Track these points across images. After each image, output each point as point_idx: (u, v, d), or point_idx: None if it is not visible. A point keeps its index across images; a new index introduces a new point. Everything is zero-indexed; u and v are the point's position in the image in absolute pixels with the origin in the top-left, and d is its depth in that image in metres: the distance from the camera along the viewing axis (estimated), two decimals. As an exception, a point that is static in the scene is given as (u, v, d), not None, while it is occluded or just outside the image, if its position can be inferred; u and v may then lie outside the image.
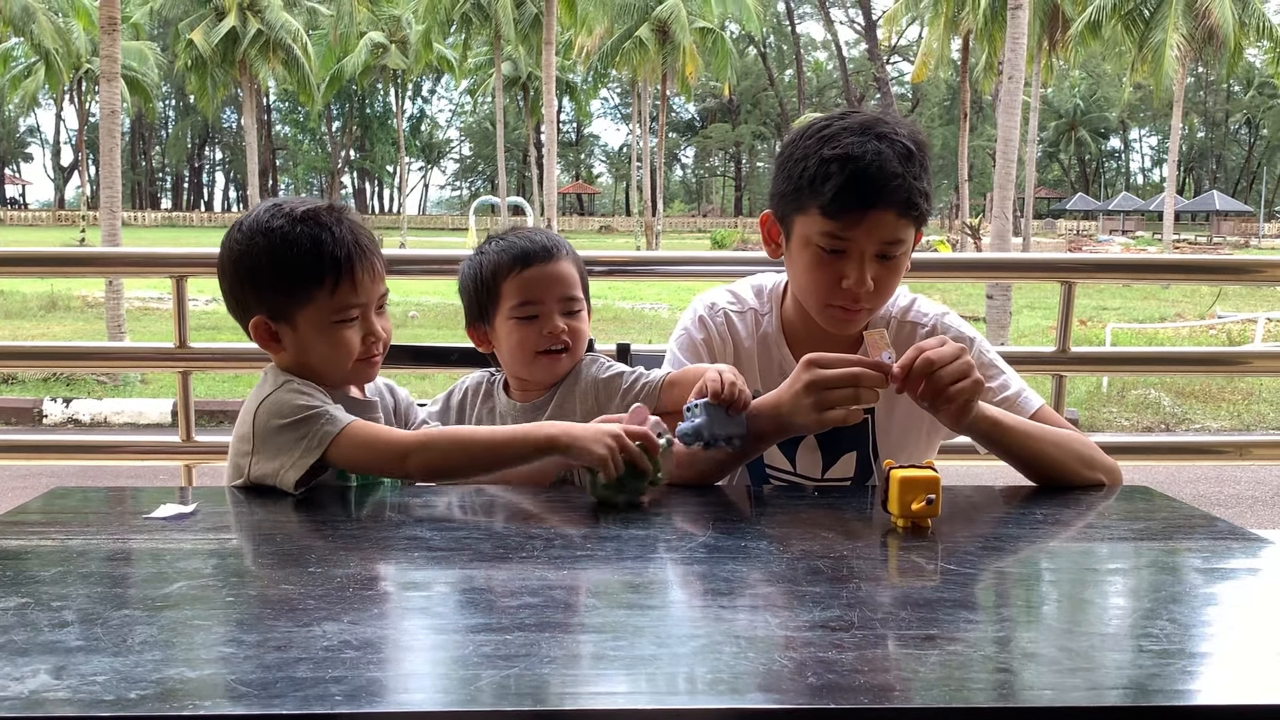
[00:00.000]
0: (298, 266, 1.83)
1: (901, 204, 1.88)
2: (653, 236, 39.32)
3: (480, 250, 2.19)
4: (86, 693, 1.02)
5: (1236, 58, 32.46)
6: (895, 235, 1.92)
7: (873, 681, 1.07)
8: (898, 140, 1.88)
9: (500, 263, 2.13)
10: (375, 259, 1.90)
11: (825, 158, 1.88)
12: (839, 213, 1.88)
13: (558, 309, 2.11)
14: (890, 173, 1.85)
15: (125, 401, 10.51)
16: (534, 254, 2.11)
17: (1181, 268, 4.80)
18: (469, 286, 2.20)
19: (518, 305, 2.10)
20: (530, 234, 2.17)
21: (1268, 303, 19.83)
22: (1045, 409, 2.07)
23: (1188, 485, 7.44)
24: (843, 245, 1.92)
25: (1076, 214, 62.92)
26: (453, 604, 1.35)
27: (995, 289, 13.38)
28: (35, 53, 39.04)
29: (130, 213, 57.85)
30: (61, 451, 4.16)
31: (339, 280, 1.84)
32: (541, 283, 2.10)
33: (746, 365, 2.14)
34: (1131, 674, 1.13)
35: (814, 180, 1.89)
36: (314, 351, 1.90)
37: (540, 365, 2.12)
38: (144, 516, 1.67)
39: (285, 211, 1.86)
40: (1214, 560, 1.57)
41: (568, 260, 2.14)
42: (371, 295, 1.90)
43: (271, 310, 1.88)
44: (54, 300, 18.32)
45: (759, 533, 1.66)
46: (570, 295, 2.13)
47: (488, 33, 39.32)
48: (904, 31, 58.05)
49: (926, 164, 1.93)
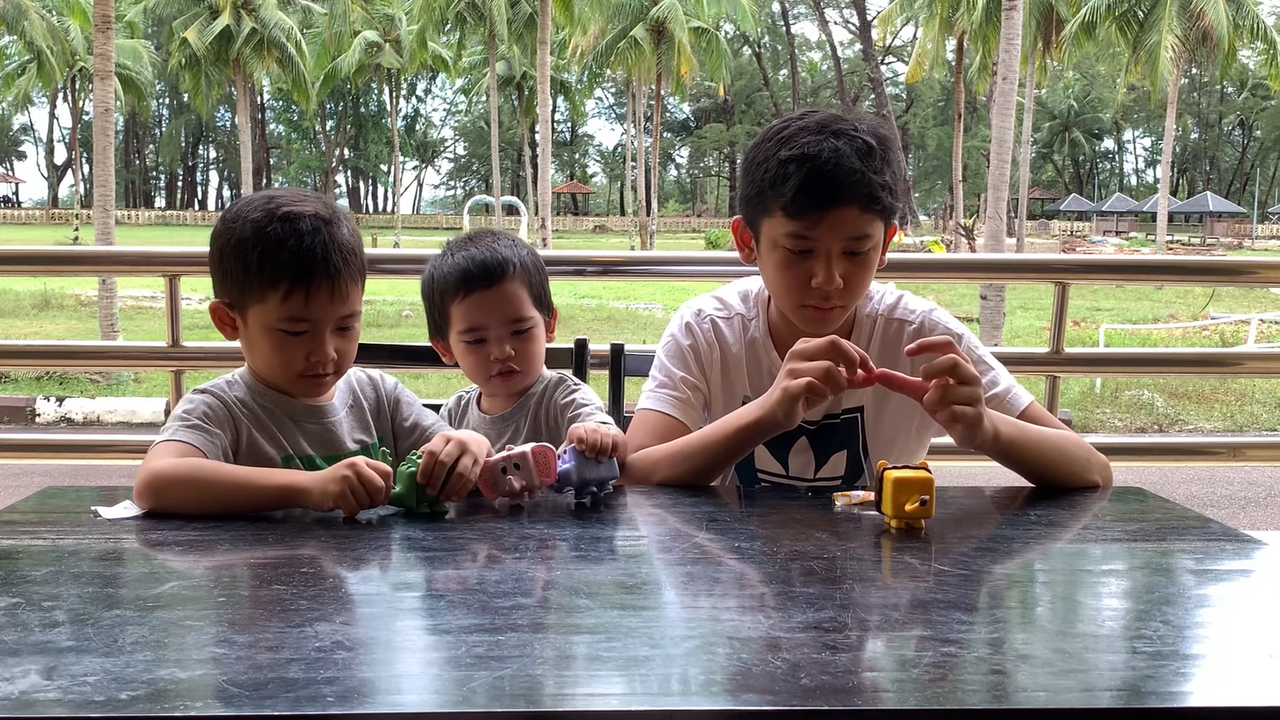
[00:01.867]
0: (258, 263, 1.81)
1: (863, 199, 1.88)
2: (647, 236, 39.33)
3: (433, 264, 2.17)
4: (77, 693, 1.01)
5: (1230, 59, 32.49)
6: (860, 231, 1.92)
7: (866, 683, 1.07)
8: (856, 136, 1.88)
9: (447, 286, 2.11)
10: (344, 280, 1.84)
11: (783, 159, 1.89)
12: (801, 212, 1.89)
13: (505, 332, 2.10)
14: (848, 169, 1.86)
15: (118, 400, 10.50)
16: (476, 278, 2.08)
17: (1175, 269, 4.81)
18: (426, 301, 2.20)
19: (465, 330, 2.11)
20: (478, 249, 2.12)
21: (1261, 304, 19.88)
22: (1034, 406, 2.06)
23: (1181, 486, 7.45)
24: (809, 245, 1.92)
25: (1070, 215, 63.00)
26: (445, 605, 1.35)
27: (989, 290, 13.38)
28: (28, 51, 38.94)
29: (124, 211, 57.70)
30: (54, 451, 4.16)
31: (293, 290, 1.81)
32: (486, 308, 2.09)
33: (735, 370, 2.13)
34: (1125, 675, 1.13)
35: (774, 182, 1.90)
36: (255, 350, 1.90)
37: (495, 384, 2.13)
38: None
39: (272, 205, 1.84)
40: (1207, 562, 1.57)
41: (515, 280, 2.10)
42: (326, 315, 1.85)
43: (230, 297, 1.89)
44: (47, 299, 18.29)
45: (752, 533, 1.66)
46: (518, 317, 2.11)
47: (482, 32, 39.26)
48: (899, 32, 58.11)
49: (891, 157, 1.93)
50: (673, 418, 2.07)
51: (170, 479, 1.69)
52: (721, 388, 2.14)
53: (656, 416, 2.08)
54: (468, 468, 1.69)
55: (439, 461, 1.67)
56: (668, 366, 2.13)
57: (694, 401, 2.10)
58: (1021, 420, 2.01)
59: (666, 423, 2.06)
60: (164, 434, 1.81)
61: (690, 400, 2.10)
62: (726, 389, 2.14)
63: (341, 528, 1.62)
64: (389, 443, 2.04)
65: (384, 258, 3.95)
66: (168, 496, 1.68)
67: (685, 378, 2.11)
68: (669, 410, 2.08)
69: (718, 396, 2.14)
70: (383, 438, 2.04)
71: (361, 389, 2.06)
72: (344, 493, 1.64)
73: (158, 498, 1.68)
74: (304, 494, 1.67)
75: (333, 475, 1.65)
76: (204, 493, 1.69)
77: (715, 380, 2.14)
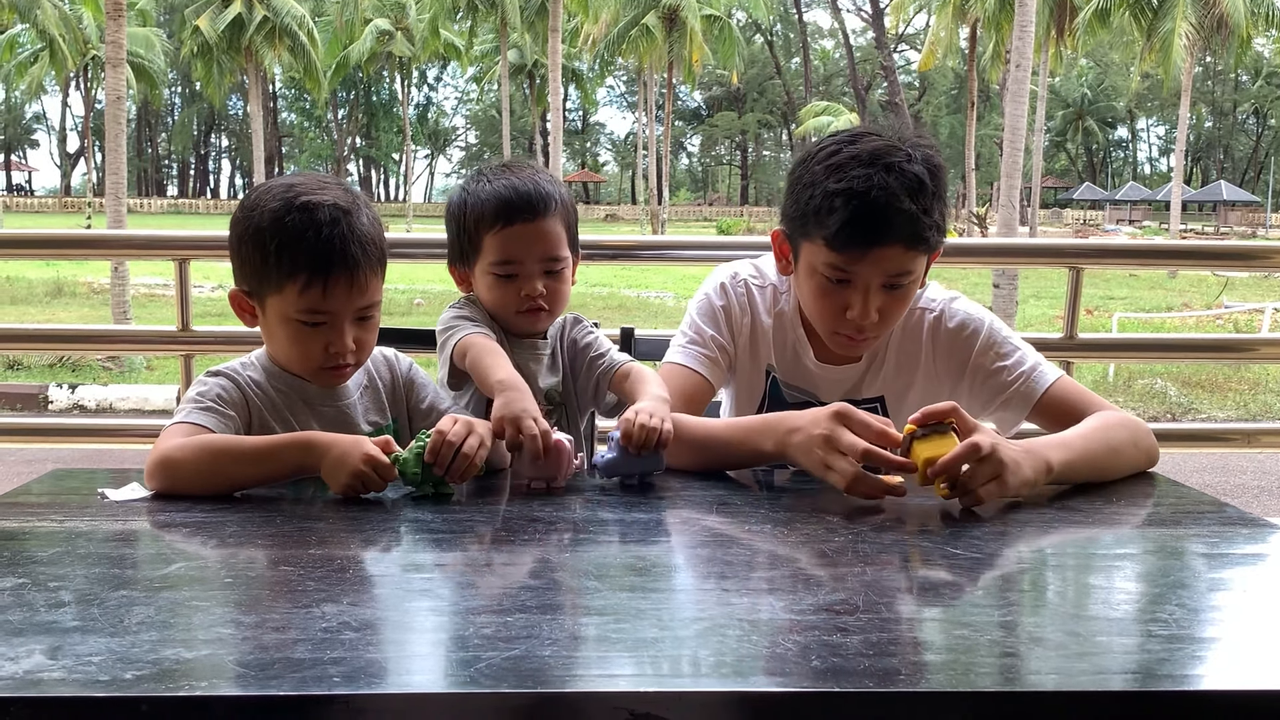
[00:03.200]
0: (275, 254, 1.79)
1: (908, 238, 1.85)
2: (658, 225, 39.27)
3: (466, 188, 2.11)
4: (82, 673, 1.01)
5: (1245, 47, 32.34)
6: (902, 268, 1.89)
7: (877, 665, 1.06)
8: (908, 171, 1.83)
9: (483, 214, 2.04)
10: (363, 272, 1.82)
11: (830, 191, 1.84)
12: (844, 247, 1.86)
13: (539, 270, 2.05)
14: (896, 208, 1.81)
15: (130, 388, 10.53)
16: (519, 209, 2.02)
17: (1189, 254, 4.77)
18: (452, 225, 2.14)
19: (497, 263, 2.05)
20: (520, 179, 2.06)
21: (1275, 292, 19.79)
22: (1063, 381, 2.03)
23: (1194, 475, 7.42)
24: (848, 276, 1.90)
25: (1083, 204, 62.77)
26: (453, 586, 1.34)
27: (1002, 278, 13.36)
28: (41, 39, 38.99)
29: (136, 199, 57.87)
30: (64, 435, 4.17)
31: (311, 282, 1.78)
32: (523, 242, 2.03)
33: (762, 339, 2.14)
34: (1139, 659, 1.12)
35: (819, 211, 1.86)
36: (274, 340, 1.89)
37: (520, 320, 2.09)
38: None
39: (290, 194, 1.81)
40: (1222, 546, 1.55)
41: (554, 216, 2.06)
42: (345, 306, 1.82)
43: (249, 285, 1.87)
44: (60, 286, 18.35)
45: (764, 516, 1.65)
46: (553, 255, 2.06)
47: (494, 20, 39.25)
48: (911, 20, 57.94)
49: (941, 191, 1.88)
50: (699, 374, 2.07)
51: (179, 458, 1.68)
52: (749, 353, 2.15)
53: (683, 372, 2.08)
54: (473, 449, 1.68)
55: (447, 441, 1.67)
56: (698, 324, 2.13)
57: (720, 361, 2.11)
58: (1051, 398, 2.00)
59: (692, 379, 2.07)
60: (177, 416, 1.80)
61: (717, 360, 2.10)
62: (753, 354, 2.15)
63: (350, 509, 1.61)
64: (404, 424, 2.04)
65: (396, 242, 3.93)
66: (179, 475, 1.67)
67: (715, 336, 2.11)
68: (696, 366, 2.08)
69: (744, 360, 2.15)
70: (397, 419, 2.03)
71: (377, 370, 2.04)
72: (353, 486, 1.64)
73: (169, 478, 1.67)
74: (316, 454, 1.66)
75: (348, 466, 1.64)
76: (215, 465, 1.68)
77: (743, 344, 2.14)
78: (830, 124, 35.57)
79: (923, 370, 2.11)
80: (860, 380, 2.12)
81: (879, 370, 2.11)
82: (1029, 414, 2.04)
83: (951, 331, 2.09)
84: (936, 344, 2.10)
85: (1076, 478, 1.81)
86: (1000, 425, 2.12)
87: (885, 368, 2.11)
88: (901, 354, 2.12)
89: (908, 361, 2.11)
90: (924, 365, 2.11)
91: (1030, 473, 1.70)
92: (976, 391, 2.08)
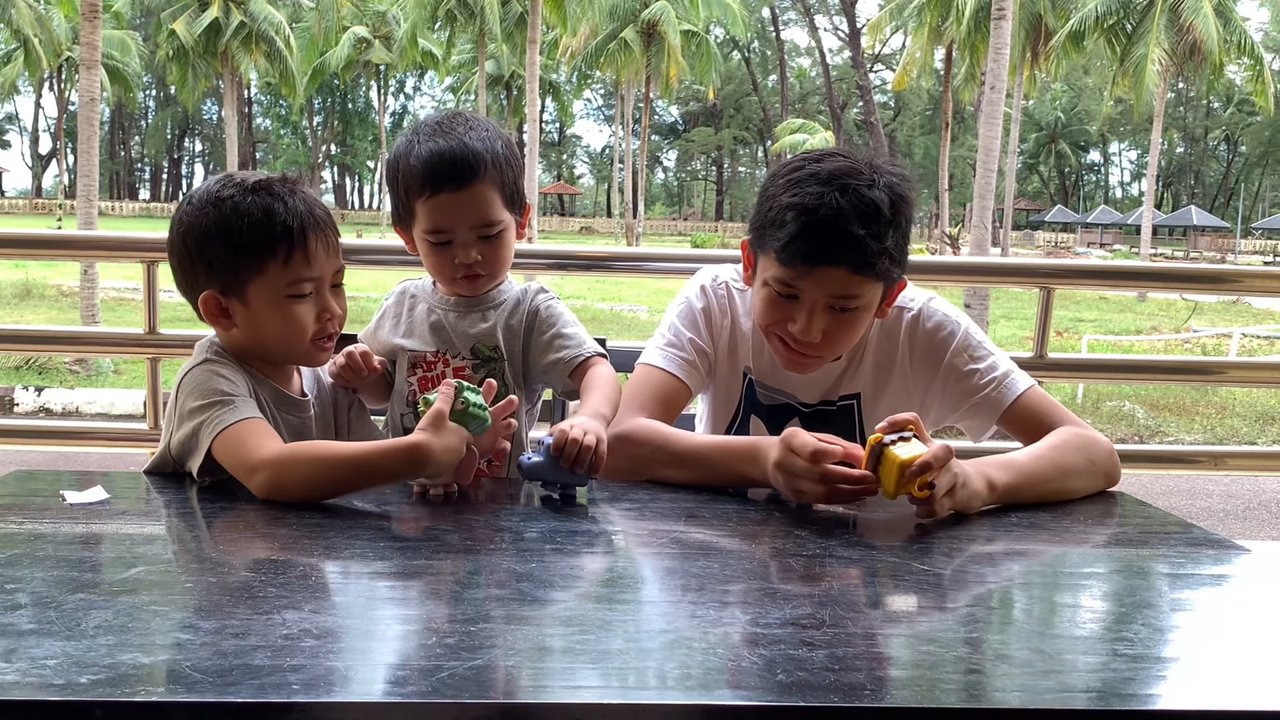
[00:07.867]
0: (249, 236, 1.78)
1: (854, 262, 1.83)
2: (633, 238, 39.32)
3: (399, 148, 2.02)
4: (36, 676, 0.99)
5: (1217, 74, 32.62)
6: (847, 290, 1.88)
7: (843, 680, 1.05)
8: (865, 195, 1.81)
9: (412, 180, 1.97)
10: (330, 233, 1.84)
11: (784, 204, 1.85)
12: (790, 261, 1.86)
13: (472, 236, 1.99)
14: (844, 230, 1.80)
15: (98, 391, 10.44)
16: (445, 176, 1.93)
17: (1159, 275, 4.83)
18: (388, 186, 2.08)
19: (429, 231, 1.99)
20: (448, 140, 1.96)
21: (1243, 318, 19.98)
22: (1034, 391, 2.04)
23: (1161, 498, 7.45)
24: (794, 291, 1.90)
25: (1055, 226, 63.23)
26: (417, 594, 1.32)
27: (973, 297, 13.42)
28: (14, 39, 38.75)
29: (108, 202, 57.52)
30: (27, 436, 4.12)
31: (291, 251, 1.79)
32: (452, 211, 1.97)
33: (741, 342, 2.13)
34: (1103, 677, 1.12)
35: (773, 224, 1.88)
36: (266, 328, 1.85)
37: (459, 285, 2.06)
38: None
39: (236, 182, 1.82)
40: (1188, 566, 1.56)
41: (486, 181, 1.96)
42: (326, 269, 1.84)
43: (222, 284, 1.83)
44: (28, 288, 18.20)
45: (731, 529, 1.64)
46: (487, 221, 1.99)
47: (472, 30, 39.21)
48: (888, 40, 58.07)
49: (901, 221, 1.87)
50: (675, 377, 2.06)
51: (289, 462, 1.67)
52: (727, 355, 2.14)
53: (659, 374, 2.06)
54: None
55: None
56: (678, 326, 2.12)
57: (699, 365, 2.10)
58: (1019, 407, 2.01)
59: (668, 381, 2.05)
60: (210, 426, 1.72)
61: (695, 363, 2.09)
62: (731, 357, 2.14)
63: (314, 515, 1.59)
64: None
65: (368, 248, 3.91)
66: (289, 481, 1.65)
67: (694, 339, 2.10)
68: (672, 369, 2.07)
69: (723, 362, 2.15)
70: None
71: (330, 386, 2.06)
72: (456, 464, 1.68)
73: (279, 488, 1.65)
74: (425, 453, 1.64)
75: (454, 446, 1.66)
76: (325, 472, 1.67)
77: (722, 347, 2.14)
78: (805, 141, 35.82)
79: (899, 368, 2.11)
80: (839, 379, 2.11)
81: (858, 368, 2.11)
82: (997, 420, 2.05)
83: (929, 331, 2.10)
84: (914, 342, 2.10)
85: (1020, 499, 1.80)
86: (969, 433, 2.13)
87: (864, 365, 2.11)
88: (880, 352, 2.12)
89: (886, 360, 2.11)
90: (900, 363, 2.11)
91: (978, 487, 1.72)
92: (948, 392, 2.08)
